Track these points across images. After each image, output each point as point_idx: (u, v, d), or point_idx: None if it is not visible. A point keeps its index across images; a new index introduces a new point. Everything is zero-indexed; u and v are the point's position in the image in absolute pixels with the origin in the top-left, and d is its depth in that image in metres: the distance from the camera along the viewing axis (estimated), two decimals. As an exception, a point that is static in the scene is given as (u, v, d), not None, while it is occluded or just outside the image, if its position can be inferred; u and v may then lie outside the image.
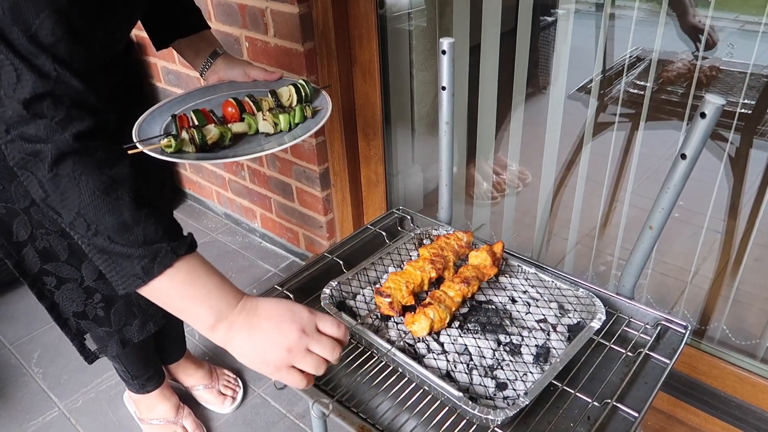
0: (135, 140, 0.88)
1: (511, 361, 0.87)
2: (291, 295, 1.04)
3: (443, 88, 1.10)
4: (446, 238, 1.05)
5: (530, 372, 0.85)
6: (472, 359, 0.88)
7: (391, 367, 0.90)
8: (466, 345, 0.90)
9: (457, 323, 0.94)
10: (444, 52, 1.06)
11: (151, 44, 1.12)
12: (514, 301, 0.99)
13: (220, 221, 2.51)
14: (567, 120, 1.61)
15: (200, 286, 0.70)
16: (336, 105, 1.77)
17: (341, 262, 1.12)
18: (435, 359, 0.87)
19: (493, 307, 0.97)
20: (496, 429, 0.78)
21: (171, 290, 0.70)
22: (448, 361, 0.87)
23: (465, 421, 0.80)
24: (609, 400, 0.82)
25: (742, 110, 1.42)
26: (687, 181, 0.88)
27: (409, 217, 1.26)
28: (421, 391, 0.85)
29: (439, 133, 1.16)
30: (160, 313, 1.22)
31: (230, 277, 2.19)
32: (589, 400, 0.83)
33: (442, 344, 0.90)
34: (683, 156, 0.86)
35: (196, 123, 0.93)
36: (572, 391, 0.85)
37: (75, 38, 0.67)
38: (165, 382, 1.57)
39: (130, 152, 0.82)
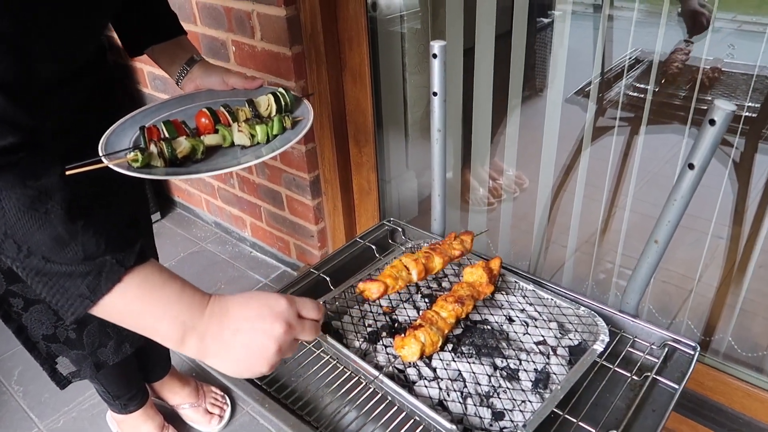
0: (101, 154, 0.81)
1: (508, 388, 0.81)
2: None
3: (434, 94, 1.04)
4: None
5: (529, 400, 0.79)
6: (466, 386, 0.82)
7: (379, 395, 0.84)
8: (459, 370, 0.83)
9: (450, 346, 0.88)
10: (435, 56, 1.00)
11: None
12: (511, 320, 0.93)
13: (210, 230, 2.45)
14: (564, 124, 1.56)
15: (157, 298, 0.63)
16: (326, 111, 1.71)
17: (328, 279, 1.06)
18: (426, 387, 0.81)
19: (489, 327, 0.91)
20: (492, 465, 0.72)
21: (125, 307, 0.63)
22: (440, 388, 0.81)
23: (459, 455, 0.74)
24: (614, 431, 0.76)
25: (747, 113, 1.37)
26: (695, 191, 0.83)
27: (400, 230, 1.20)
28: (412, 421, 0.79)
29: (431, 142, 1.10)
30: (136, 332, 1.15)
31: (220, 289, 2.13)
32: (593, 431, 0.77)
33: (434, 369, 0.84)
34: (691, 166, 0.80)
35: (167, 135, 0.86)
36: (574, 420, 0.78)
37: (3, 47, 0.61)
38: (149, 401, 1.51)
39: (94, 167, 0.76)
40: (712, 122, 0.76)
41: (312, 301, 0.72)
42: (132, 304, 0.63)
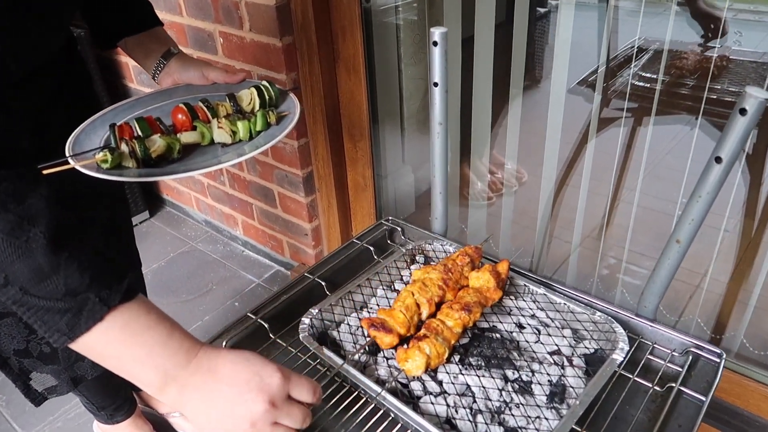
0: (68, 154, 0.74)
1: (521, 402, 0.75)
2: (266, 325, 0.91)
3: (435, 85, 0.97)
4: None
5: (545, 417, 0.73)
6: (475, 401, 0.75)
7: (381, 411, 0.77)
8: (468, 384, 0.77)
9: (457, 357, 0.81)
10: (435, 44, 0.93)
11: None
12: (521, 327, 0.87)
13: (200, 229, 2.37)
14: (567, 115, 1.50)
15: (140, 343, 0.57)
16: (319, 104, 1.64)
17: (324, 284, 0.99)
18: (433, 403, 0.75)
19: (498, 336, 0.85)
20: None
21: (104, 348, 0.57)
22: (448, 404, 0.74)
23: (470, 479, 0.68)
24: (639, 451, 0.70)
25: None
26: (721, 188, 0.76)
27: (399, 229, 1.13)
28: (418, 441, 0.73)
29: (431, 136, 1.03)
30: None
31: (211, 290, 2.06)
32: (615, 449, 0.71)
33: (440, 383, 0.78)
34: (718, 159, 0.73)
35: (140, 134, 0.79)
36: (594, 438, 0.72)
37: None
38: (137, 410, 1.44)
39: (60, 169, 0.68)
40: (742, 111, 0.69)
41: (309, 383, 0.66)
42: (112, 346, 0.57)
